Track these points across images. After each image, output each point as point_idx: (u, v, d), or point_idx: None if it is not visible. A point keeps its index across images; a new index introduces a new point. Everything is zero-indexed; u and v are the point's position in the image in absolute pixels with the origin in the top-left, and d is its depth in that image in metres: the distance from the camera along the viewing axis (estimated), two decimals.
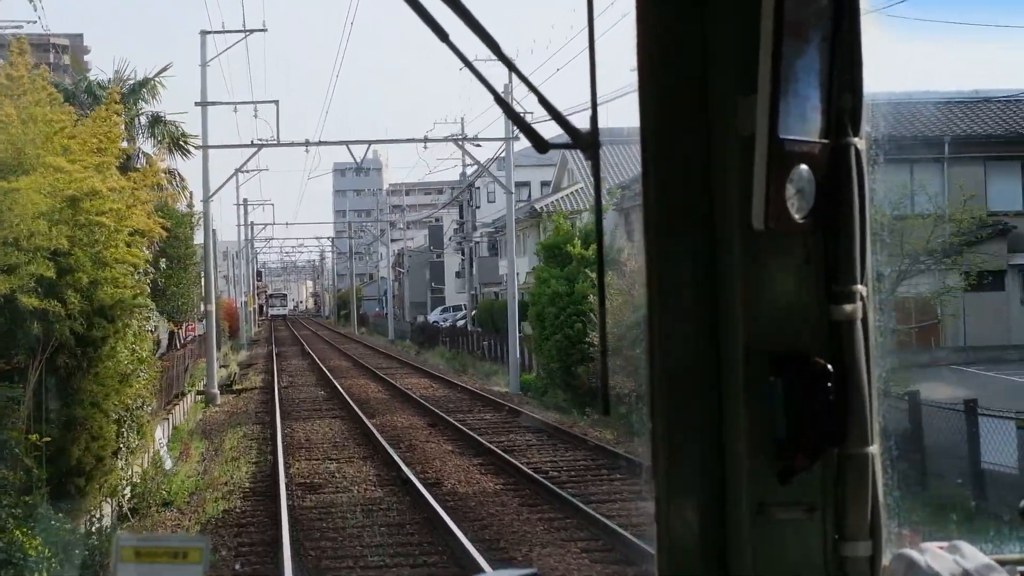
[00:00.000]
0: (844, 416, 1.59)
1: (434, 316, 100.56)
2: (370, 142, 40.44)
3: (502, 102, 1.98)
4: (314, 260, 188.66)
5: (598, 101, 1.75)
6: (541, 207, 64.35)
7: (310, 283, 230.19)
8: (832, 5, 1.55)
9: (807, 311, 1.60)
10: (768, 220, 1.52)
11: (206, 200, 39.90)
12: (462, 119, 79.97)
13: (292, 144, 39.90)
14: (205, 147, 39.00)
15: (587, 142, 1.74)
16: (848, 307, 1.60)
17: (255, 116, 45.41)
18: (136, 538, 2.28)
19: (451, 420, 29.39)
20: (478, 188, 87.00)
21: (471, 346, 59.40)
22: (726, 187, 1.61)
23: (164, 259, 39.60)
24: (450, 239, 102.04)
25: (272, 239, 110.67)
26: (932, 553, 1.54)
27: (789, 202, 1.53)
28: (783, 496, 1.58)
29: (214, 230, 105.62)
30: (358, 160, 41.03)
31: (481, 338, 59.48)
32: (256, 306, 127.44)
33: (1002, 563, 1.59)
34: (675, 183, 1.64)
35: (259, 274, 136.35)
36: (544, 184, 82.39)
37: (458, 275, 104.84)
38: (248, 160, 39.78)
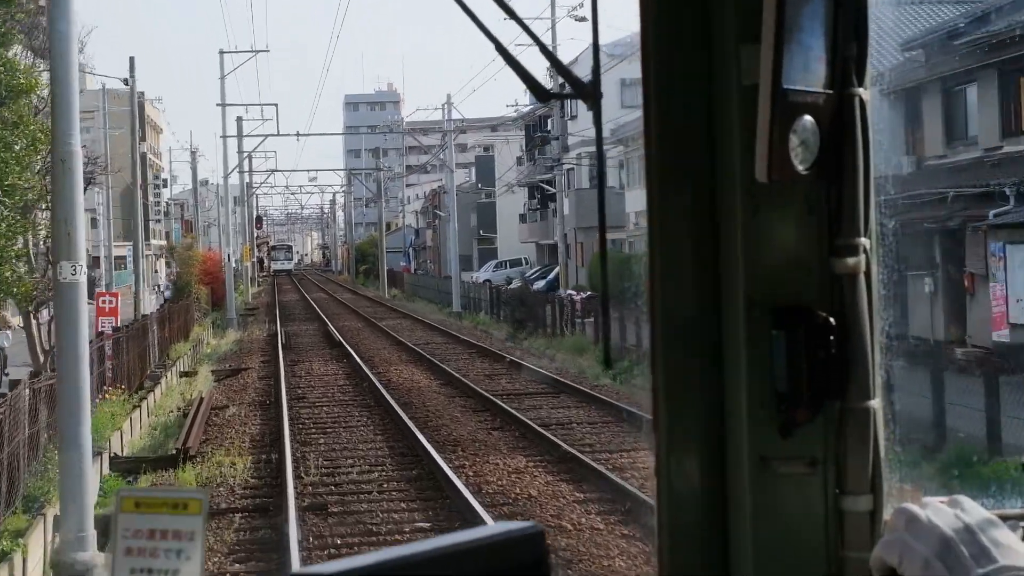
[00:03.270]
0: (846, 370, 1.54)
1: (484, 273, 73.40)
2: None
3: (502, 50, 1.83)
4: (323, 206, 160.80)
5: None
6: None
7: (316, 234, 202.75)
8: None
9: (810, 264, 1.56)
10: (771, 171, 1.45)
11: None
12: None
13: None
14: None
15: (589, 92, 1.70)
16: (851, 260, 1.54)
17: None
18: (137, 490, 2.43)
19: None
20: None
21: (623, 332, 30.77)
22: (728, 138, 1.56)
23: None
24: (522, 168, 73.80)
25: (274, 172, 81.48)
26: (933, 507, 1.47)
27: (793, 153, 1.46)
28: (784, 450, 1.54)
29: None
30: None
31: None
32: (255, 260, 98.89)
33: (1004, 518, 1.53)
34: (676, 134, 1.58)
35: (259, 220, 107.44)
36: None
37: (523, 219, 77.06)
38: None
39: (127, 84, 33.22)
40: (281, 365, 30.62)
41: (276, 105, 53.59)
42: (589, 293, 40.30)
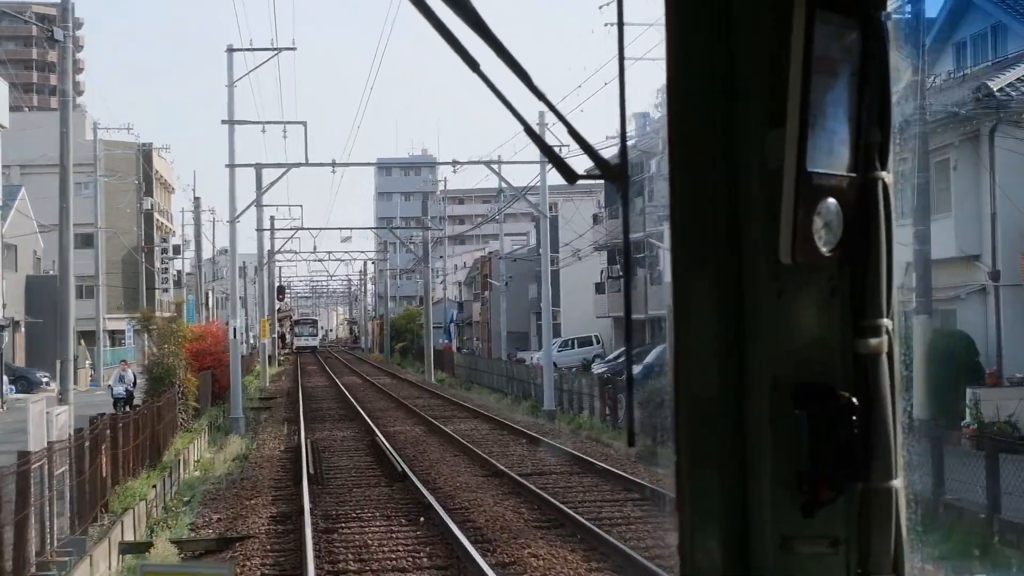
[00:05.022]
0: (868, 450, 1.53)
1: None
2: None
3: (532, 133, 1.87)
4: (350, 277, 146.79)
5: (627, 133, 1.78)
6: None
7: (342, 309, 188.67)
8: (861, 40, 1.51)
9: (832, 344, 1.56)
10: (795, 253, 1.48)
11: None
12: None
13: None
14: None
15: (616, 173, 1.76)
16: (874, 341, 1.54)
17: None
18: (161, 565, 1.98)
19: None
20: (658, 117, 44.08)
21: None
22: (753, 220, 1.56)
23: None
24: (599, 228, 59.85)
25: (300, 231, 67.25)
26: None
27: (816, 235, 1.49)
28: (807, 529, 1.54)
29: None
30: None
31: None
32: (276, 335, 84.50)
33: None
34: (702, 215, 1.58)
35: (280, 291, 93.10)
36: None
37: (599, 289, 62.78)
38: None
39: (52, 36, 19.02)
40: (308, 532, 16.03)
41: (305, 123, 39.13)
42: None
